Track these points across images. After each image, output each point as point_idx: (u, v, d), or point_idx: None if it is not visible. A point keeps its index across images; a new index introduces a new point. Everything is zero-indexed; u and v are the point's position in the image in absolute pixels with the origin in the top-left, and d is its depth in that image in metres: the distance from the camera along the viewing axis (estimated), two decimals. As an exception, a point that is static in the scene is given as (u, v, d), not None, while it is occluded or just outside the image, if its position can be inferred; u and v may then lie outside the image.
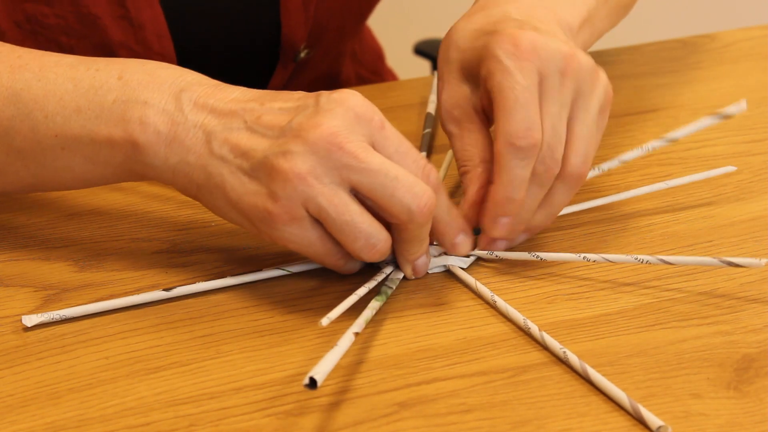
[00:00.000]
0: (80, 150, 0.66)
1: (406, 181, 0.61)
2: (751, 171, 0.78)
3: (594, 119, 0.68)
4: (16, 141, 0.66)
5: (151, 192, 0.77)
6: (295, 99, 0.63)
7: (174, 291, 0.65)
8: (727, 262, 0.63)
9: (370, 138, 0.62)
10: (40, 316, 0.63)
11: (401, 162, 0.62)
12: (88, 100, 0.65)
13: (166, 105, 0.64)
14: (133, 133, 0.64)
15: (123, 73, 0.65)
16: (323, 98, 0.62)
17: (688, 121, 0.86)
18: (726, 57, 0.98)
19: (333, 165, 0.60)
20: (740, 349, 0.60)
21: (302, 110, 0.62)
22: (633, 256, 0.65)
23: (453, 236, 0.66)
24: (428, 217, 0.62)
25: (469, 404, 0.57)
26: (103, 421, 0.56)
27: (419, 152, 0.64)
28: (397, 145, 0.62)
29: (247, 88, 0.65)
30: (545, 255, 0.67)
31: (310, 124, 0.61)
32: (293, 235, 0.62)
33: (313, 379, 0.54)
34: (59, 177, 0.67)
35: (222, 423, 0.56)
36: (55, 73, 0.66)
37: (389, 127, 0.63)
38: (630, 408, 0.56)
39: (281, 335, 0.63)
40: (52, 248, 0.71)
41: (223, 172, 0.62)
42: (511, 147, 0.65)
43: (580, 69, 0.67)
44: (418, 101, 0.91)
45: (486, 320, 0.64)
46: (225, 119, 0.63)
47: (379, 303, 0.64)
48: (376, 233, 0.62)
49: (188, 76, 0.65)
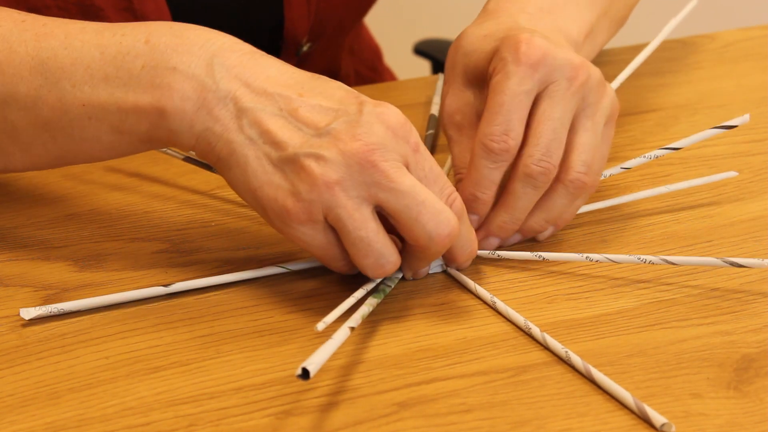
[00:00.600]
0: (107, 118, 0.64)
1: (432, 208, 0.61)
2: (751, 171, 0.78)
3: (599, 130, 0.68)
4: (43, 111, 0.65)
5: (151, 192, 0.77)
6: (336, 99, 0.62)
7: (173, 287, 0.65)
8: (730, 263, 0.63)
9: (404, 158, 0.61)
10: (38, 309, 0.63)
11: (429, 186, 0.62)
12: (115, 68, 0.64)
13: (195, 70, 0.62)
14: (161, 99, 0.63)
15: (150, 37, 0.64)
16: (367, 108, 0.61)
17: (688, 121, 0.87)
18: (726, 57, 0.98)
19: (363, 180, 0.60)
20: (740, 349, 0.60)
21: (342, 115, 0.61)
22: (636, 256, 0.65)
23: (463, 261, 0.67)
24: (447, 247, 0.62)
25: (469, 404, 0.57)
26: (103, 421, 0.56)
27: (447, 179, 0.63)
28: (429, 169, 0.62)
29: (284, 65, 0.64)
30: (548, 255, 0.67)
31: (348, 134, 0.60)
32: (304, 235, 0.62)
33: (306, 370, 0.54)
34: (87, 147, 0.66)
35: (222, 423, 0.56)
36: (81, 41, 0.65)
37: (423, 149, 0.62)
38: (635, 407, 0.56)
39: (281, 335, 0.63)
40: (52, 248, 0.71)
41: (249, 154, 0.62)
42: (483, 148, 0.66)
43: (588, 79, 0.67)
44: (418, 101, 0.91)
45: (486, 320, 0.64)
46: (259, 99, 0.62)
47: (377, 300, 0.64)
48: (388, 255, 0.62)
49: (219, 39, 0.64)
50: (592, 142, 0.68)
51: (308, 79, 0.63)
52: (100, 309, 0.65)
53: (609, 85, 0.69)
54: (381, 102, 0.62)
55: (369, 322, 0.63)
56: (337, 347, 0.57)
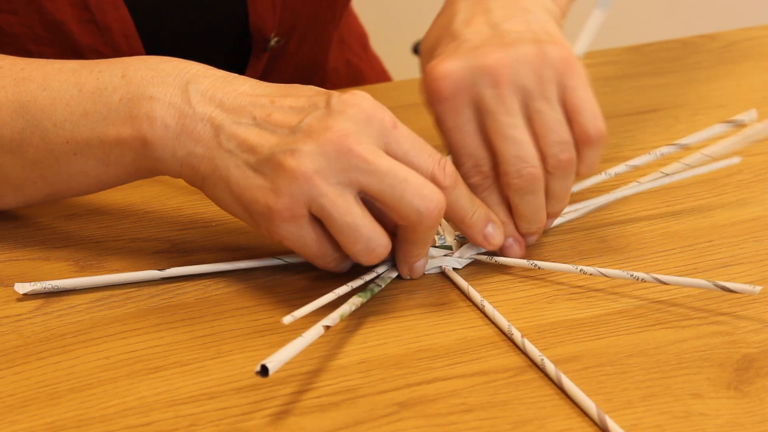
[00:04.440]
0: (92, 153, 0.66)
1: (415, 183, 0.61)
2: (751, 171, 0.78)
3: (554, 102, 0.66)
4: (29, 153, 0.67)
5: (151, 192, 0.77)
6: (306, 97, 0.63)
7: (167, 272, 0.67)
8: (721, 287, 0.62)
9: (381, 139, 0.62)
10: (32, 285, 0.65)
11: (415, 160, 0.62)
12: (94, 103, 0.65)
13: (172, 98, 0.64)
14: (141, 129, 0.64)
15: (126, 71, 0.66)
16: (334, 99, 0.62)
17: (689, 121, 0.87)
18: (726, 57, 0.98)
19: (341, 167, 0.60)
20: (740, 349, 0.60)
21: (313, 110, 0.62)
22: (629, 272, 0.64)
23: (482, 227, 0.66)
24: (437, 219, 0.62)
25: (469, 404, 0.57)
26: (104, 421, 0.56)
27: (433, 148, 0.63)
28: (410, 143, 0.63)
29: (256, 82, 0.65)
30: (542, 264, 0.67)
31: (321, 126, 0.61)
32: (290, 233, 0.62)
33: (265, 367, 0.55)
34: (75, 183, 0.68)
35: (222, 423, 0.56)
36: (59, 81, 0.67)
37: (401, 126, 0.63)
38: (597, 418, 0.55)
39: (281, 335, 0.63)
40: (52, 248, 0.71)
41: (229, 165, 0.63)
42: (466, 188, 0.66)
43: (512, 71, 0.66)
44: (418, 101, 0.91)
45: (486, 320, 0.64)
46: (233, 114, 0.63)
47: (361, 300, 0.64)
48: (377, 238, 0.62)
49: (193, 68, 0.66)
50: (554, 118, 0.66)
51: (279, 89, 0.65)
52: (98, 299, 0.65)
53: (544, 51, 0.67)
54: (349, 91, 0.63)
55: (369, 322, 0.63)
56: (305, 345, 0.57)
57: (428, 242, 0.65)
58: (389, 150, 0.62)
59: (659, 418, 0.55)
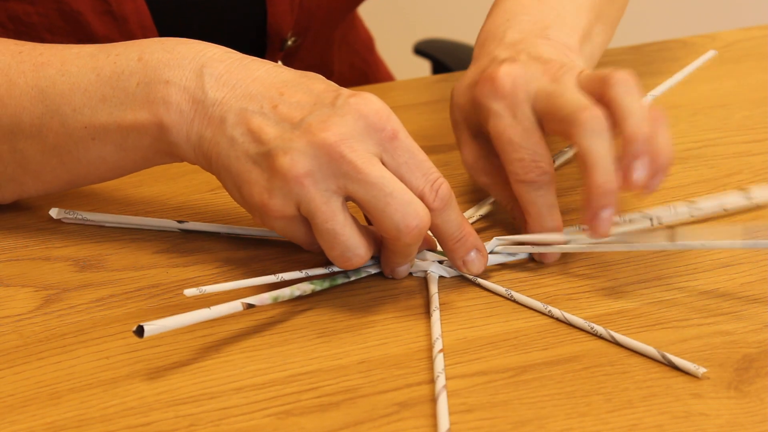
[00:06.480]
0: (110, 138, 0.66)
1: (400, 199, 0.61)
2: (751, 171, 0.78)
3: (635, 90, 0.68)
4: (49, 138, 0.67)
5: (151, 192, 0.77)
6: (315, 93, 0.63)
7: (186, 225, 0.71)
8: (668, 361, 0.59)
9: (378, 148, 0.62)
10: (66, 212, 0.72)
11: (407, 175, 0.62)
12: (112, 88, 0.66)
13: (187, 82, 0.65)
14: (157, 114, 0.65)
15: (143, 54, 0.66)
16: (340, 100, 0.62)
17: (689, 121, 0.87)
18: (726, 57, 0.98)
19: (331, 172, 0.61)
20: (740, 349, 0.60)
21: (317, 108, 0.62)
22: (588, 323, 0.62)
23: (464, 254, 0.66)
24: (417, 238, 0.62)
25: (469, 404, 0.57)
26: (104, 421, 0.56)
27: (433, 166, 0.63)
28: (408, 157, 0.62)
29: (274, 66, 0.65)
30: (517, 296, 0.65)
31: (319, 126, 0.61)
32: (285, 229, 0.63)
33: (141, 327, 0.57)
34: (94, 169, 0.68)
35: (222, 423, 0.56)
36: (77, 66, 0.67)
37: (404, 137, 0.63)
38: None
39: (281, 335, 0.63)
40: (52, 248, 0.71)
41: (230, 155, 0.63)
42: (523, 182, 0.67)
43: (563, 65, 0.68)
44: (418, 101, 0.91)
45: (486, 320, 0.64)
46: (243, 100, 0.64)
47: (312, 288, 0.64)
48: (354, 248, 0.62)
49: (209, 51, 0.66)
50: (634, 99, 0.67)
51: (294, 77, 0.65)
52: (98, 299, 0.65)
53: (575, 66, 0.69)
54: (359, 92, 0.63)
55: (369, 322, 0.63)
56: (209, 318, 0.60)
57: (410, 255, 0.65)
58: (384, 160, 0.62)
59: (659, 418, 0.55)
